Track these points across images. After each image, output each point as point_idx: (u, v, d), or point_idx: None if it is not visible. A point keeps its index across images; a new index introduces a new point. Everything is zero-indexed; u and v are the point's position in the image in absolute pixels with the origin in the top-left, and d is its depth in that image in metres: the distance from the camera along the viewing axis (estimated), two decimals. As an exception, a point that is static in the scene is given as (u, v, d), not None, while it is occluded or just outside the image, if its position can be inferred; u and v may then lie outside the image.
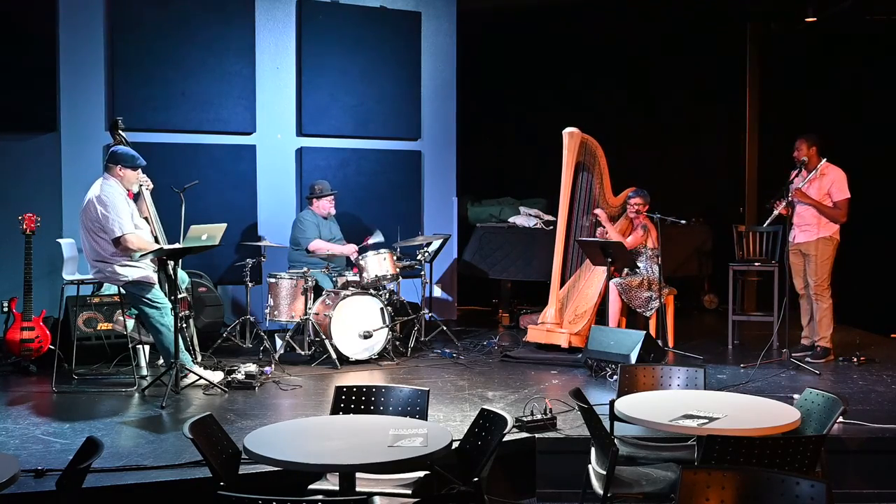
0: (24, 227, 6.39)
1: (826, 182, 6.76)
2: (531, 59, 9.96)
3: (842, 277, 6.93)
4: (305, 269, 7.04)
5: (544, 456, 4.81)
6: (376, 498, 3.44)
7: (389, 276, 7.07)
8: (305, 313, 6.85)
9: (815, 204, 6.72)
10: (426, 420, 3.74)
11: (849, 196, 6.71)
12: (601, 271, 7.22)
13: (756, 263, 7.65)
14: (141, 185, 6.15)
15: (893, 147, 8.79)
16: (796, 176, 6.79)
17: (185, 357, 5.96)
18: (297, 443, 3.37)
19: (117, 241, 5.80)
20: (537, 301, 8.18)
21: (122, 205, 5.87)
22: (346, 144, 8.53)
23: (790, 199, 6.74)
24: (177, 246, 5.94)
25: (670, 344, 7.24)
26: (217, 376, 6.06)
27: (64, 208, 7.33)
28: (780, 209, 6.83)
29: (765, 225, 7.20)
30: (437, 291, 8.84)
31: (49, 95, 7.30)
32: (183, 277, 6.48)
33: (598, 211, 7.46)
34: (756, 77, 9.68)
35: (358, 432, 3.45)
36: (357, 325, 6.79)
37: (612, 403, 3.97)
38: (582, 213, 7.57)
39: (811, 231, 6.81)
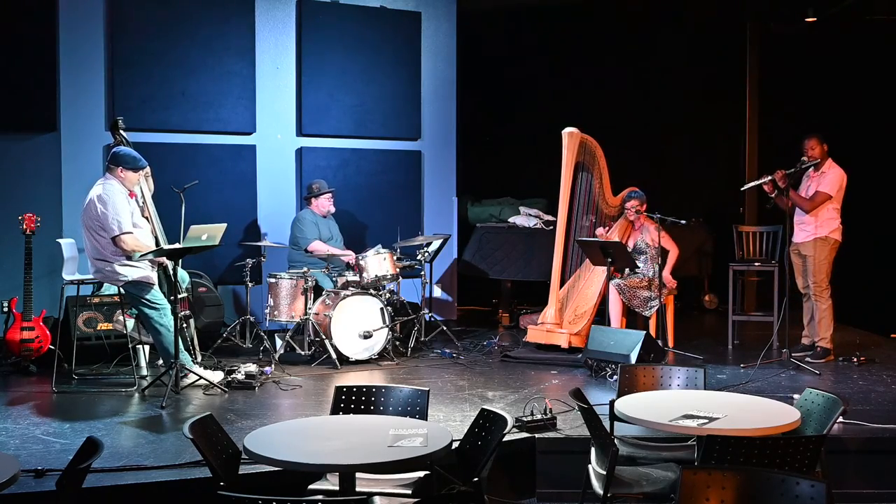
0: (24, 227, 6.40)
1: (823, 178, 6.77)
2: (531, 59, 9.96)
3: (842, 277, 6.93)
4: (305, 269, 7.05)
5: (544, 456, 4.81)
6: (376, 498, 3.44)
7: (389, 276, 7.07)
8: (305, 313, 6.85)
9: (791, 193, 6.70)
10: (426, 420, 3.74)
11: (829, 194, 6.68)
12: (601, 271, 7.22)
13: (756, 263, 7.65)
14: (140, 179, 6.15)
15: (893, 147, 8.79)
16: (805, 171, 6.80)
17: (184, 357, 5.97)
18: (297, 443, 3.36)
19: (114, 241, 5.80)
20: (537, 301, 8.18)
21: (123, 204, 5.88)
22: (346, 144, 8.53)
23: (774, 178, 6.69)
24: (177, 246, 5.94)
25: (670, 344, 7.24)
26: (217, 376, 6.06)
27: (64, 208, 7.32)
28: (763, 181, 6.79)
29: (742, 188, 7.34)
30: (437, 291, 8.84)
31: (49, 95, 7.30)
32: (183, 277, 6.48)
33: (599, 230, 7.49)
34: (756, 77, 9.68)
35: (358, 432, 3.45)
36: (357, 325, 6.79)
37: (612, 403, 3.97)
38: (582, 213, 7.58)
39: (807, 231, 6.81)
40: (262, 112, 8.17)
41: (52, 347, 6.40)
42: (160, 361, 6.17)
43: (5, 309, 6.65)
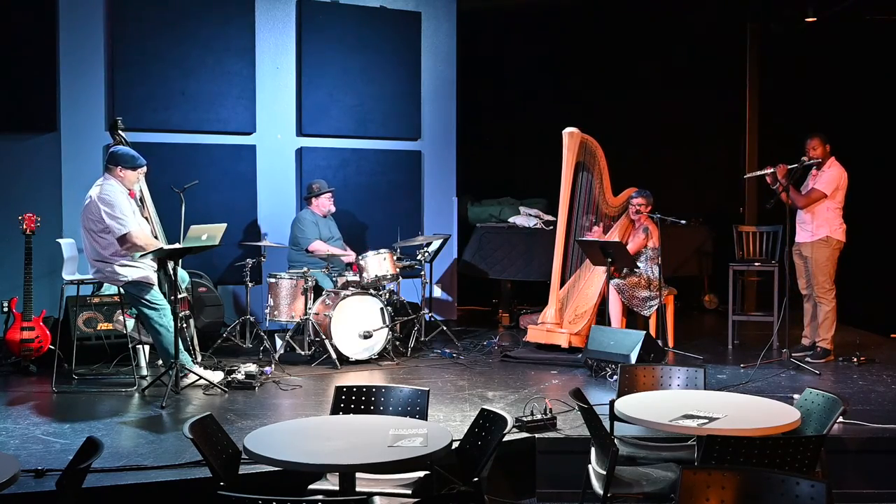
0: (24, 227, 6.40)
1: (821, 177, 6.76)
2: (531, 59, 9.96)
3: (842, 277, 6.92)
4: (305, 269, 7.05)
5: (544, 456, 4.81)
6: (376, 498, 3.44)
7: (389, 276, 7.07)
8: (305, 313, 6.85)
9: (791, 190, 6.70)
10: (426, 420, 3.74)
11: (824, 192, 6.68)
12: (601, 271, 7.22)
13: (756, 263, 7.65)
14: (139, 178, 6.15)
15: (893, 147, 8.79)
16: (808, 170, 6.80)
17: (184, 357, 5.96)
18: (297, 443, 3.36)
19: (123, 239, 5.78)
20: (537, 301, 8.18)
21: (125, 203, 5.88)
22: (346, 144, 8.53)
23: (775, 171, 6.71)
24: (177, 246, 5.94)
25: (670, 344, 7.24)
26: (217, 376, 6.06)
27: (64, 208, 7.32)
28: (765, 172, 6.81)
29: (746, 176, 7.36)
30: (437, 291, 8.83)
31: (49, 95, 7.30)
32: (183, 277, 6.48)
33: (596, 229, 7.49)
34: (756, 77, 9.68)
35: (358, 432, 3.45)
36: (357, 325, 6.79)
37: (612, 403, 3.97)
38: (582, 213, 7.58)
39: (808, 230, 6.80)
40: (262, 112, 8.17)
41: (52, 347, 6.40)
42: (160, 361, 6.17)
43: (5, 309, 6.65)
